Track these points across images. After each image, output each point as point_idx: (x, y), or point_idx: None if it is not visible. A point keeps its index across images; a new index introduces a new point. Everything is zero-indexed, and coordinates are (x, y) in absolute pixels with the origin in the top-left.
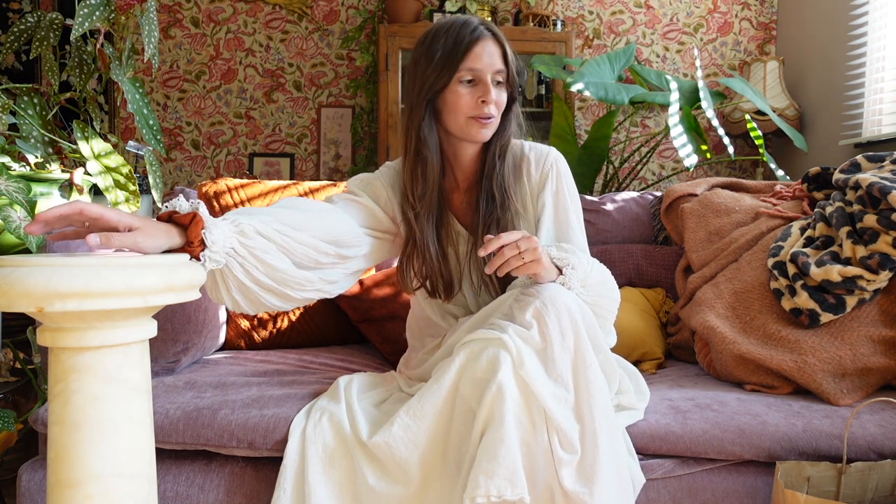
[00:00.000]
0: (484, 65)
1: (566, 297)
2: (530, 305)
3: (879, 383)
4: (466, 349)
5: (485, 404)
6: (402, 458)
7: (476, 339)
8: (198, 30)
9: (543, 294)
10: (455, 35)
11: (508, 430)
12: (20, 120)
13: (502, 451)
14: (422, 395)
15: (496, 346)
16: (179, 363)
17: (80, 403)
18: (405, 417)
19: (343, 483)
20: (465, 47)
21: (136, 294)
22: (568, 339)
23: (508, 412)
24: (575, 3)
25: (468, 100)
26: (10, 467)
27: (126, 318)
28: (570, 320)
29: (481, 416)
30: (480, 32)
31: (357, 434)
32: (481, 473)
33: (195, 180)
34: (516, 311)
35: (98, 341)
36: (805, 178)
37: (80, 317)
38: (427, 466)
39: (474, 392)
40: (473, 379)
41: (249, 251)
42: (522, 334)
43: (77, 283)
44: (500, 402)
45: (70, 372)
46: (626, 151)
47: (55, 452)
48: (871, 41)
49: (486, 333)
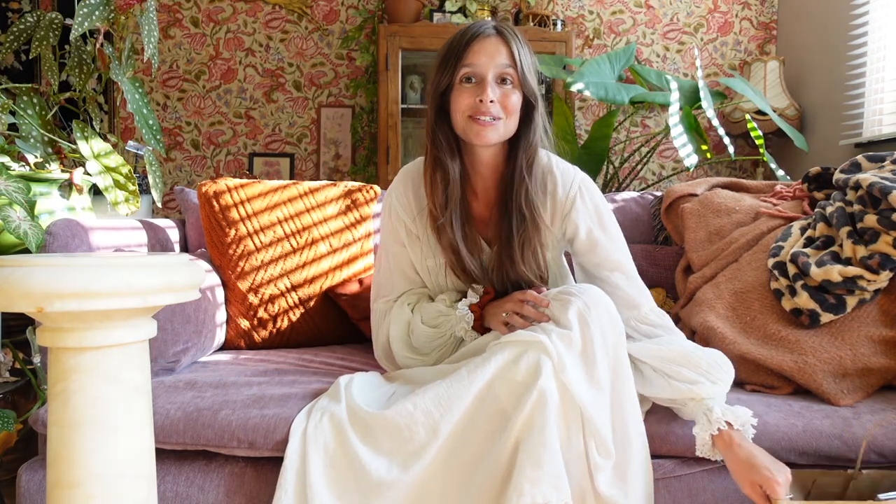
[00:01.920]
0: (482, 61)
1: (605, 298)
2: (572, 305)
3: (880, 383)
4: (505, 350)
5: (524, 409)
6: (420, 442)
7: (516, 341)
8: (197, 30)
9: (585, 294)
10: (461, 34)
11: (552, 436)
12: (20, 120)
13: (546, 457)
14: (450, 385)
15: (537, 351)
16: (179, 363)
17: (80, 404)
18: (429, 404)
19: (345, 482)
20: (465, 44)
21: (136, 294)
22: (608, 341)
23: (551, 418)
24: (575, 3)
25: (467, 98)
26: (10, 467)
27: (126, 318)
28: (610, 322)
29: (518, 421)
30: (483, 30)
31: (362, 417)
32: (525, 481)
33: (195, 180)
34: (557, 310)
35: (98, 341)
36: (805, 178)
37: (80, 317)
38: (441, 455)
39: (511, 395)
40: (512, 382)
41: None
42: (564, 337)
43: (77, 283)
44: (542, 408)
45: (70, 372)
46: (626, 151)
47: (55, 453)
48: (871, 41)
49: (526, 335)
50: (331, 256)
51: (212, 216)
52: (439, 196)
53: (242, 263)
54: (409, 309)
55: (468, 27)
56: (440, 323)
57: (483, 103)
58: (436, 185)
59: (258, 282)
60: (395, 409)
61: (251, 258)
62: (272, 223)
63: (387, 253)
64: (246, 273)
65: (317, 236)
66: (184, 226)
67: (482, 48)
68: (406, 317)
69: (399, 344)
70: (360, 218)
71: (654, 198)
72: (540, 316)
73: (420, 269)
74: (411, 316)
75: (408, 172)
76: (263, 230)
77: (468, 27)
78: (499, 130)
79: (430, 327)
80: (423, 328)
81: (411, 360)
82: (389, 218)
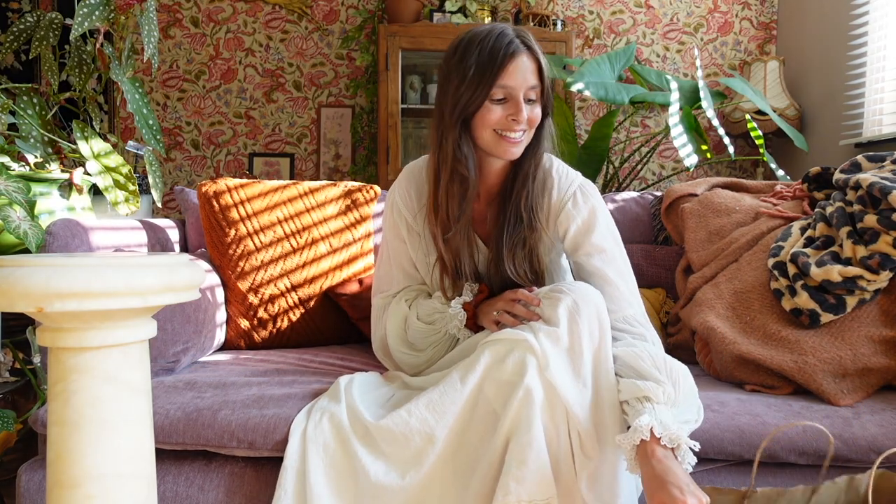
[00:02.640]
0: (517, 83)
1: (595, 295)
2: (561, 302)
3: (880, 383)
4: (491, 349)
5: (511, 408)
6: (416, 449)
7: (501, 340)
8: (197, 30)
9: (576, 291)
10: (489, 49)
11: (537, 434)
12: (20, 120)
13: (531, 456)
14: (443, 391)
15: (522, 349)
16: (179, 363)
17: (79, 404)
18: (424, 411)
19: (344, 483)
20: (499, 64)
21: (136, 294)
22: (594, 339)
23: (536, 416)
24: (575, 3)
25: (498, 116)
26: (10, 468)
27: (126, 318)
28: (597, 320)
29: (507, 421)
30: (516, 47)
31: (362, 422)
32: (511, 479)
33: (195, 180)
34: (547, 307)
35: (98, 341)
36: (805, 178)
37: (79, 317)
38: (439, 461)
39: (499, 395)
40: (499, 381)
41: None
42: (551, 334)
43: (77, 283)
44: (528, 407)
45: (70, 372)
46: (626, 151)
47: (55, 453)
48: (871, 41)
49: (512, 334)
50: (331, 256)
51: (212, 216)
52: (454, 208)
53: (242, 263)
54: (406, 305)
55: (495, 39)
56: (435, 320)
57: (517, 122)
58: (452, 196)
59: (258, 282)
60: (390, 419)
61: (251, 258)
62: (272, 223)
63: (387, 248)
64: (246, 273)
65: (317, 236)
66: (184, 226)
67: (516, 68)
68: (403, 312)
69: (395, 339)
70: (360, 218)
71: (654, 198)
72: (531, 314)
73: (419, 265)
74: (408, 312)
75: (412, 170)
76: (263, 230)
77: (495, 39)
78: (524, 144)
79: (426, 324)
80: (419, 324)
81: (407, 355)
82: (391, 213)
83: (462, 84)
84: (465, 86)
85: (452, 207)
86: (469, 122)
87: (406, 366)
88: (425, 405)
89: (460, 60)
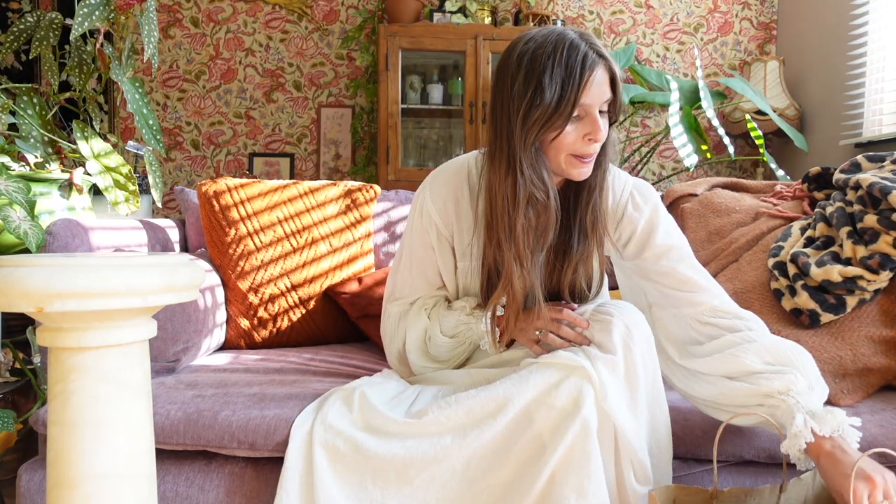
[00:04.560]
0: (594, 100)
1: (641, 317)
2: (615, 327)
3: (880, 383)
4: (545, 373)
5: (565, 439)
6: (444, 447)
7: (557, 364)
8: (197, 30)
9: (625, 315)
10: (564, 66)
11: (597, 467)
12: (20, 120)
13: (592, 488)
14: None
15: (579, 377)
16: (179, 363)
17: (79, 404)
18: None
19: (353, 469)
20: (577, 84)
21: (136, 294)
22: (648, 367)
23: (595, 449)
24: (575, 3)
25: (573, 137)
26: (10, 467)
27: (126, 318)
28: (648, 345)
29: (558, 451)
30: (592, 61)
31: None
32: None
33: (195, 180)
34: (598, 332)
35: (98, 341)
36: (805, 178)
37: (79, 317)
38: (459, 467)
39: (549, 421)
40: (551, 407)
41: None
42: (608, 363)
43: (77, 283)
44: (585, 439)
45: (70, 372)
46: (626, 151)
47: (55, 453)
48: (871, 41)
49: (568, 359)
50: (331, 256)
51: (212, 216)
52: (530, 240)
53: (242, 263)
54: (426, 315)
55: (567, 56)
56: (459, 332)
57: (593, 142)
58: (530, 227)
59: (258, 281)
60: (426, 419)
61: (251, 258)
62: (272, 223)
63: (411, 255)
64: (246, 273)
65: (317, 236)
66: (184, 226)
67: (594, 84)
68: (423, 324)
69: (416, 354)
70: (360, 218)
71: None
72: (580, 338)
73: (446, 272)
74: (429, 324)
75: (447, 177)
76: (263, 230)
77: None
78: (594, 161)
79: (449, 337)
80: (443, 339)
81: (428, 368)
82: (420, 219)
83: (536, 109)
84: (540, 111)
85: (529, 238)
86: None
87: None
88: (465, 412)
89: (526, 80)
